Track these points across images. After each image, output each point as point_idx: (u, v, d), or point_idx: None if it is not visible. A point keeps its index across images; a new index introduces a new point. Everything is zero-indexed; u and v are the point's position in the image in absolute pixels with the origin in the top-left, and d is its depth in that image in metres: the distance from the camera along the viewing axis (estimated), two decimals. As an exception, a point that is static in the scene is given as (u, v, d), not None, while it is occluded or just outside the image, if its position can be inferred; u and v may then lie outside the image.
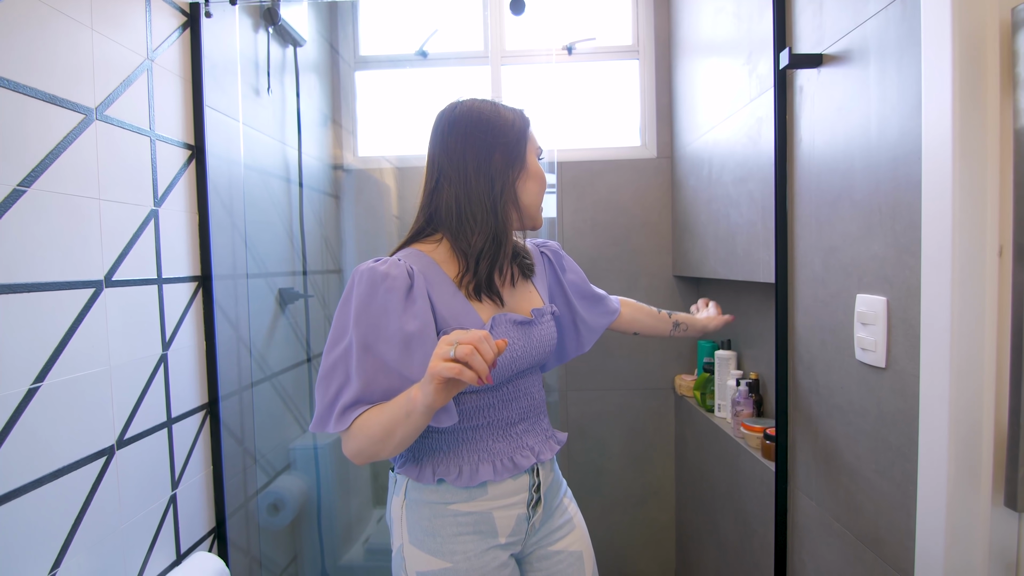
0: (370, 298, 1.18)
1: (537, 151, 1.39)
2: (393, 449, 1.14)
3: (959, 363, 1.00)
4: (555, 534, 1.43)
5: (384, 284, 1.18)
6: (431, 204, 1.34)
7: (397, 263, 1.22)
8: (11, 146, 1.22)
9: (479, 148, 1.28)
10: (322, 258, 2.81)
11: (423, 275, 1.25)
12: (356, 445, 1.16)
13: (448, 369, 0.98)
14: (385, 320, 1.18)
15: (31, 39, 1.28)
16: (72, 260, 1.38)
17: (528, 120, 1.37)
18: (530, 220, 1.38)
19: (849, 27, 1.30)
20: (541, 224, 1.42)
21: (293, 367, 2.55)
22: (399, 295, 1.19)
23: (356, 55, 3.03)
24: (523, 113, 1.37)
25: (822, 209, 1.43)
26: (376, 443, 1.14)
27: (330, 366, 1.19)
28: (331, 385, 1.19)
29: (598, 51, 2.94)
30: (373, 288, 1.18)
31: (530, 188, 1.35)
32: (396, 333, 1.17)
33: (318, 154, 2.81)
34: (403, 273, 1.21)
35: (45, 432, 1.29)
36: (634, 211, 2.89)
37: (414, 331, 1.18)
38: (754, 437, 1.93)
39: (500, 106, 1.35)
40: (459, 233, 1.29)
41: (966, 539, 1.03)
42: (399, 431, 1.11)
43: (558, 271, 1.59)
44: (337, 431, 1.16)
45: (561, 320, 1.61)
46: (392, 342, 1.17)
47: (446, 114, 1.34)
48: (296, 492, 2.40)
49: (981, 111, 0.96)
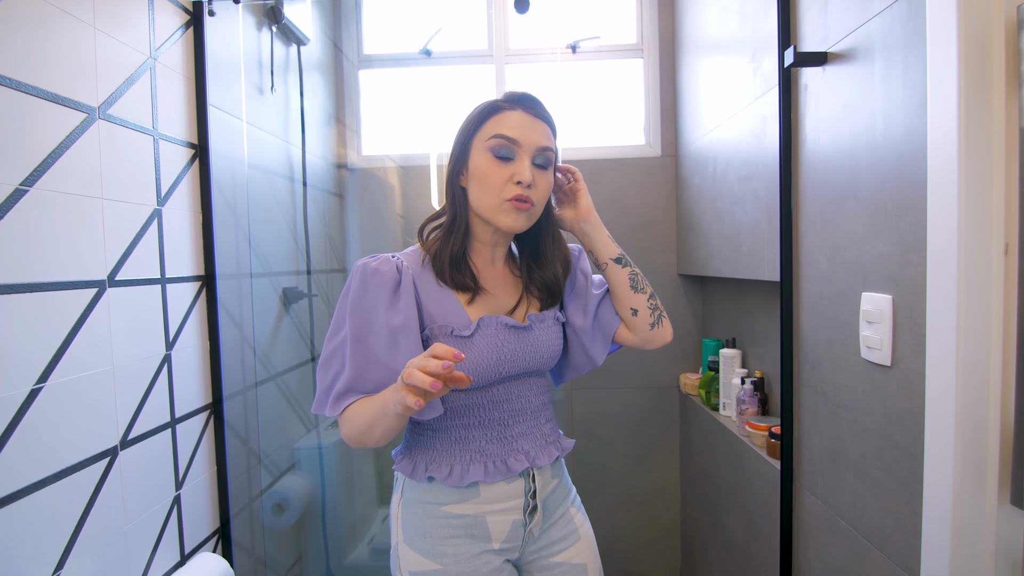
0: (363, 292, 1.24)
1: (489, 141, 1.25)
2: (378, 439, 1.19)
3: (965, 361, 0.99)
4: (558, 544, 1.40)
5: (374, 280, 1.24)
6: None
7: (389, 260, 1.27)
8: (14, 145, 1.22)
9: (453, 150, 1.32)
10: (326, 257, 2.81)
11: (415, 272, 1.28)
12: (347, 431, 1.23)
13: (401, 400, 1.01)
14: (375, 314, 1.23)
15: (34, 38, 1.28)
16: (75, 260, 1.38)
17: (491, 108, 1.27)
18: (491, 222, 1.28)
19: (854, 25, 1.29)
20: (511, 225, 1.25)
21: (297, 367, 2.55)
22: (387, 290, 1.24)
23: (360, 53, 3.03)
24: (493, 101, 1.28)
25: (827, 207, 1.43)
26: (362, 433, 1.20)
27: (329, 354, 1.26)
28: (329, 371, 1.26)
29: (602, 50, 2.94)
30: (364, 283, 1.24)
31: (473, 189, 1.27)
32: (384, 327, 1.22)
33: (322, 153, 2.81)
34: (392, 269, 1.25)
35: (48, 433, 1.29)
36: (639, 210, 2.88)
37: (398, 325, 1.22)
38: (759, 435, 1.93)
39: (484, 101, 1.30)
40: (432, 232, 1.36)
41: (973, 537, 1.02)
42: (379, 425, 1.16)
43: (576, 278, 1.46)
44: (332, 415, 1.24)
45: (574, 329, 1.45)
46: (380, 335, 1.22)
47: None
48: (301, 492, 2.40)
49: (986, 109, 0.96)
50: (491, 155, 1.24)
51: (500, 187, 1.24)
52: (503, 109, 1.27)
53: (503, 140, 1.24)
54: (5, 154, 1.20)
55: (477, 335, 1.26)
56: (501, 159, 1.24)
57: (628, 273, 1.40)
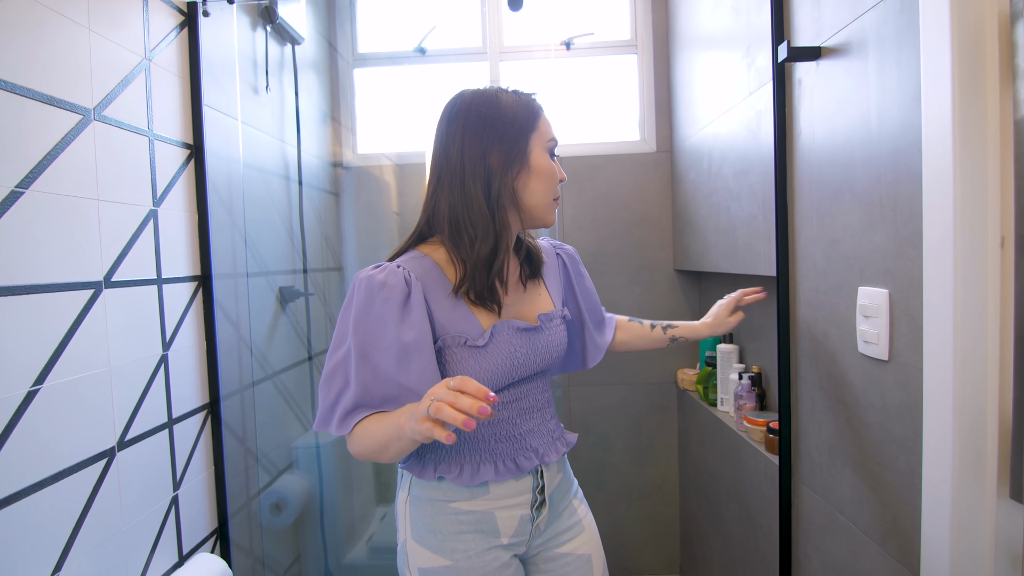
0: (368, 307, 1.19)
1: (548, 143, 1.29)
2: (391, 458, 1.16)
3: (962, 355, 0.99)
4: (562, 536, 1.41)
5: (381, 293, 1.18)
6: (430, 206, 1.30)
7: (395, 271, 1.21)
8: (9, 147, 1.21)
9: (474, 149, 1.23)
10: (322, 256, 2.80)
11: (422, 281, 1.23)
12: (357, 448, 1.19)
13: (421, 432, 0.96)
14: (382, 330, 1.18)
15: (28, 40, 1.27)
16: (71, 261, 1.38)
17: (538, 109, 1.29)
18: (537, 220, 1.31)
19: (847, 19, 1.29)
20: (553, 222, 1.33)
21: (294, 366, 2.55)
22: (396, 304, 1.18)
23: (354, 52, 3.03)
24: (533, 102, 1.30)
25: (823, 201, 1.43)
26: (374, 452, 1.16)
27: (331, 370, 1.22)
28: (332, 388, 1.21)
29: (596, 46, 2.94)
30: (370, 297, 1.19)
31: (533, 187, 1.27)
32: (393, 343, 1.18)
33: (317, 152, 2.80)
34: (400, 282, 1.20)
35: (45, 434, 1.29)
36: (634, 205, 2.88)
37: (410, 341, 1.18)
38: (757, 431, 1.93)
39: (504, 96, 1.27)
40: (456, 240, 1.25)
41: (972, 531, 1.02)
42: (392, 447, 1.12)
43: (572, 276, 1.54)
44: (339, 434, 1.19)
45: (571, 326, 1.55)
46: (389, 352, 1.18)
47: (446, 108, 1.29)
48: (299, 491, 2.40)
49: (981, 102, 0.96)
50: (547, 155, 1.29)
51: (555, 185, 1.30)
52: (543, 109, 1.31)
53: (554, 142, 1.31)
54: (1, 157, 1.19)
55: (491, 344, 1.25)
56: (552, 159, 1.30)
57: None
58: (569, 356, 1.59)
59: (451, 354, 1.24)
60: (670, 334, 1.67)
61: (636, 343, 1.69)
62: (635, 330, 1.69)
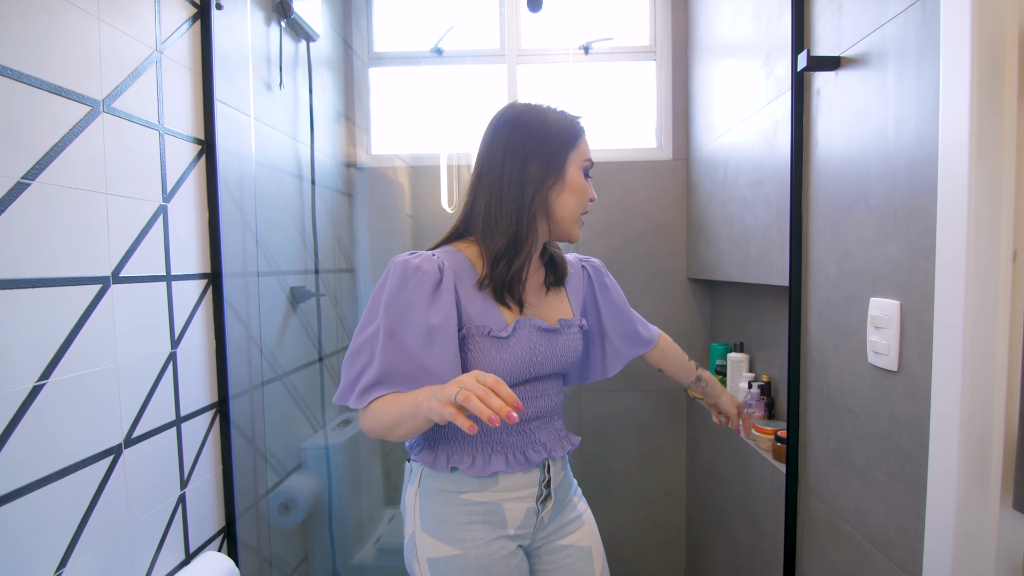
0: (401, 288, 1.26)
1: (585, 163, 1.38)
2: (400, 437, 1.22)
3: (971, 367, 1.00)
4: (564, 529, 1.48)
5: (415, 277, 1.26)
6: (469, 203, 1.40)
7: (430, 258, 1.29)
8: (16, 138, 1.21)
9: (516, 157, 1.32)
10: (334, 257, 2.80)
11: (454, 271, 1.31)
12: (369, 424, 1.26)
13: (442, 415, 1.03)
14: (412, 311, 1.25)
15: (37, 29, 1.27)
16: (79, 255, 1.37)
17: (580, 131, 1.38)
18: (564, 233, 1.40)
19: (868, 30, 1.28)
20: (577, 238, 1.42)
21: (304, 366, 2.55)
22: (427, 288, 1.26)
23: (370, 51, 3.03)
24: (577, 123, 1.38)
25: (837, 213, 1.42)
26: (385, 428, 1.22)
27: (358, 346, 1.29)
28: (356, 363, 1.28)
29: (615, 51, 2.93)
30: (404, 279, 1.26)
31: (565, 200, 1.36)
32: (420, 324, 1.24)
33: (331, 151, 2.80)
34: (434, 268, 1.28)
35: (51, 430, 1.29)
36: (649, 213, 2.87)
37: (437, 324, 1.25)
38: (765, 439, 1.93)
39: (551, 114, 1.36)
40: (485, 235, 1.34)
41: (975, 542, 1.03)
42: (404, 425, 1.18)
43: (596, 288, 1.60)
44: (356, 407, 1.26)
45: (589, 337, 1.62)
46: (416, 332, 1.24)
47: (495, 118, 1.38)
48: (307, 492, 2.40)
49: (999, 116, 0.95)
50: (582, 173, 1.37)
51: (585, 202, 1.39)
52: (584, 132, 1.39)
53: (590, 162, 1.39)
54: (8, 146, 1.19)
55: (513, 337, 1.32)
56: (587, 178, 1.39)
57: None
58: (586, 365, 1.65)
59: (474, 343, 1.31)
60: (698, 372, 1.78)
61: (672, 361, 1.76)
62: (677, 350, 1.77)
